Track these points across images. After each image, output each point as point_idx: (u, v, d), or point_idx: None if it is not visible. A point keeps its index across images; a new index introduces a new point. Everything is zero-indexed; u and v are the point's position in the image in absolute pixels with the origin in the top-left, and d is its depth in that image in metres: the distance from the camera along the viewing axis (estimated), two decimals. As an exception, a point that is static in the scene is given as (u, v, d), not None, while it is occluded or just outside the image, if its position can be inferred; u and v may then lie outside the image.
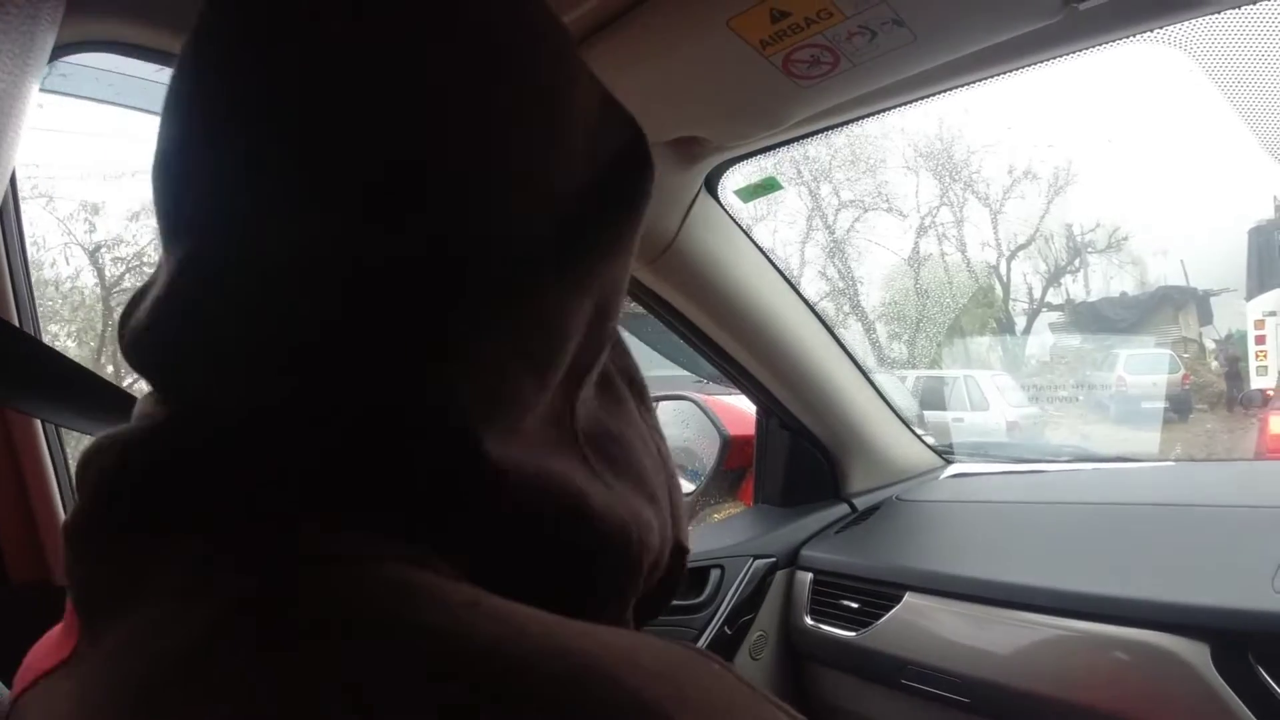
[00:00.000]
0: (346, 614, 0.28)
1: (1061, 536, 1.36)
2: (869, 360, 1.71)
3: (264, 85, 0.33)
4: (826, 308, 12.50)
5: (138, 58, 0.92)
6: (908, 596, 1.35)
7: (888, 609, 1.37)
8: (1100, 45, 0.95)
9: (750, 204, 1.42)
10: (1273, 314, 9.15)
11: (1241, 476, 1.71)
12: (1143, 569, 1.20)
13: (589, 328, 0.37)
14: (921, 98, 1.07)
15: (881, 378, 1.68)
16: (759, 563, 1.52)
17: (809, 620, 1.49)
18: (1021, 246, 16.13)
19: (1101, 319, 15.66)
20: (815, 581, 1.52)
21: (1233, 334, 12.28)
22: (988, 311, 16.14)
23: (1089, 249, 16.41)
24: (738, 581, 1.48)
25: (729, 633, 1.45)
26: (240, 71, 0.33)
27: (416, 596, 0.29)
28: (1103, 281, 16.65)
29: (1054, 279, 16.39)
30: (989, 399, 9.43)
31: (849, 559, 1.50)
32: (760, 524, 1.64)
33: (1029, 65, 0.98)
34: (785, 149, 1.25)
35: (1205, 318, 14.49)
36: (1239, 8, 0.86)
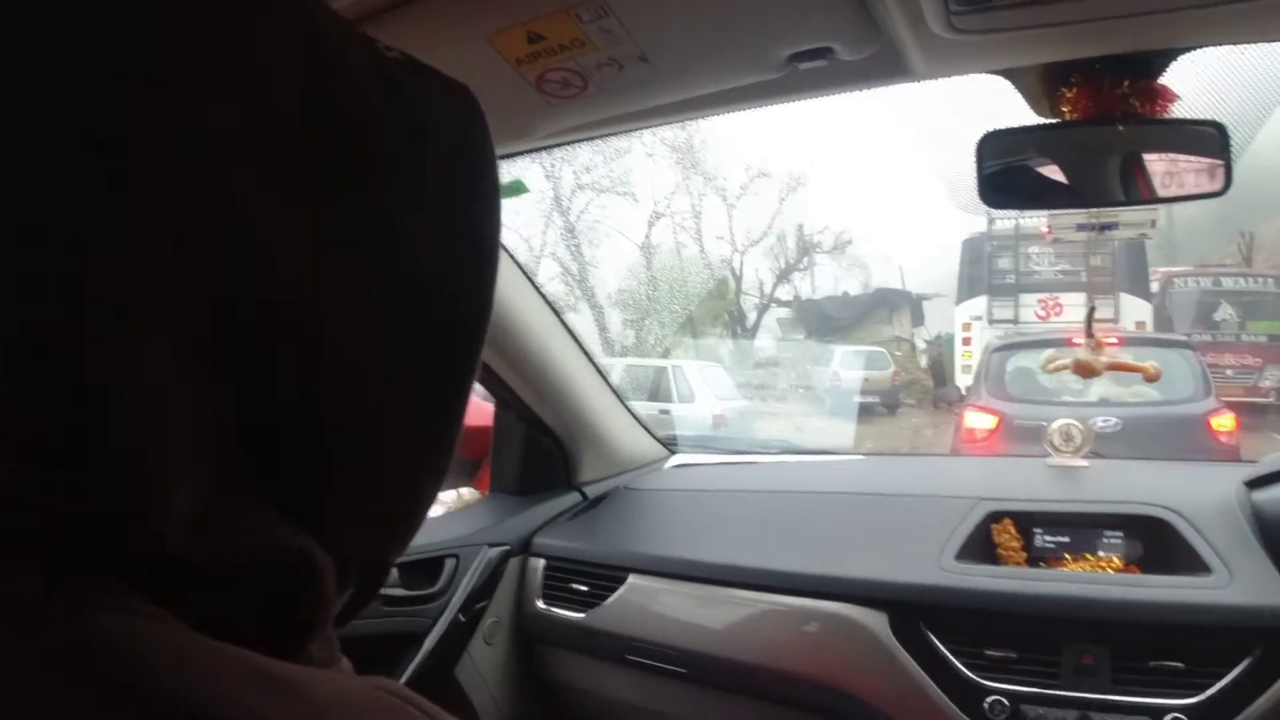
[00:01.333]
0: (59, 667, 0.29)
1: (769, 521, 1.61)
2: (589, 348, 1.85)
3: None
4: (555, 290, 12.67)
5: None
6: (631, 578, 1.54)
7: (613, 590, 1.55)
8: (820, 97, 1.16)
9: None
10: (979, 318, 10.49)
11: (921, 469, 2.07)
12: (835, 549, 1.47)
13: None
14: (663, 123, 1.25)
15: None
16: (493, 551, 1.64)
17: (541, 604, 1.64)
18: (755, 242, 17.44)
19: (824, 316, 17.25)
20: (548, 567, 1.67)
21: (941, 336, 13.98)
22: (720, 304, 17.27)
23: (817, 249, 18.09)
24: (472, 570, 1.59)
25: (463, 620, 1.55)
26: None
27: (124, 652, 0.30)
28: (829, 281, 18.42)
29: (784, 275, 17.86)
30: (695, 391, 9.70)
31: (579, 545, 1.67)
32: (495, 513, 1.76)
33: (759, 107, 1.19)
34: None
35: (918, 319, 16.42)
36: (935, 80, 1.10)
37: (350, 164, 0.38)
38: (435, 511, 1.84)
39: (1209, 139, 1.07)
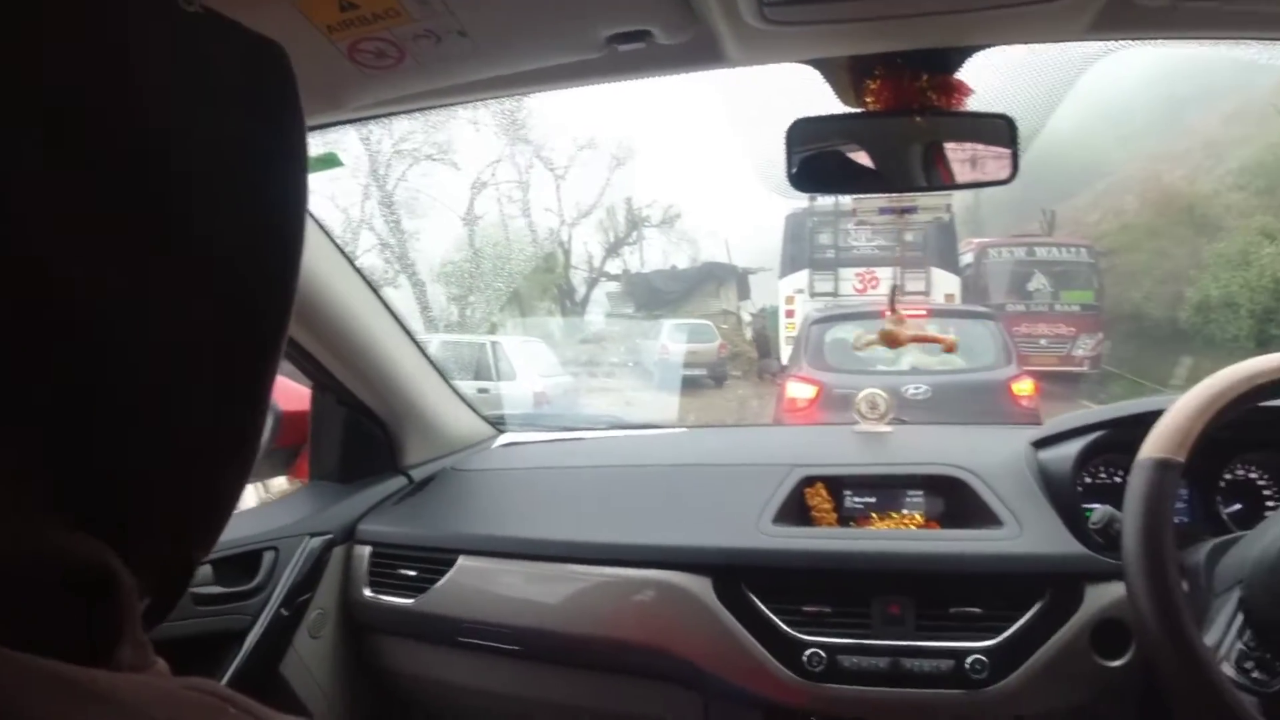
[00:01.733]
0: None
1: (597, 495, 1.65)
2: (410, 326, 1.83)
3: None
4: (373, 264, 12.25)
5: None
6: (461, 560, 1.55)
7: (443, 574, 1.55)
8: (639, 79, 1.19)
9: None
10: (801, 291, 10.96)
11: (740, 439, 2.17)
12: (661, 519, 1.52)
13: None
14: (483, 99, 1.25)
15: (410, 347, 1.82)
16: (315, 540, 1.60)
17: (368, 593, 1.62)
18: (584, 215, 17.52)
19: (653, 290, 17.61)
20: (374, 554, 1.64)
21: (766, 309, 14.51)
22: (548, 278, 17.27)
23: (646, 223, 18.38)
24: (293, 562, 1.55)
25: (286, 614, 1.51)
26: None
27: None
28: (658, 255, 18.78)
29: (613, 249, 18.06)
30: (516, 368, 9.55)
31: (406, 530, 1.66)
32: (316, 501, 1.71)
33: (579, 85, 1.21)
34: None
35: (744, 293, 17.04)
36: (755, 66, 1.15)
37: (125, 130, 0.36)
38: (253, 503, 1.77)
39: (999, 130, 1.17)
